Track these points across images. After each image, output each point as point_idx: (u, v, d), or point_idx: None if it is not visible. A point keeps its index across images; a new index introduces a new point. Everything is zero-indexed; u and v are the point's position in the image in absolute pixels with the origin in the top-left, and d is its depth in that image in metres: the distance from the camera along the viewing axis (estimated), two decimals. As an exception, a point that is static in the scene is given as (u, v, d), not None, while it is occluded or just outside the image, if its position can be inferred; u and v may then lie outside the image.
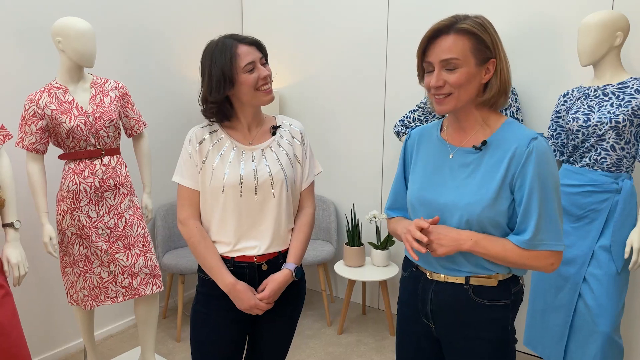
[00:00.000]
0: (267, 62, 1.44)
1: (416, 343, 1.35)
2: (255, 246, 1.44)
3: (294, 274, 1.46)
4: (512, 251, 1.15)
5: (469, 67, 1.13)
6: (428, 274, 1.28)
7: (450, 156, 1.25)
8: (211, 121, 1.47)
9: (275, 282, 1.43)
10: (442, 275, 1.25)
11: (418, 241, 1.19)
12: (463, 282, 1.23)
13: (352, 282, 2.88)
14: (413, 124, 2.61)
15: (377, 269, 2.86)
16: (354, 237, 2.89)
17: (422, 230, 1.20)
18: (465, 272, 1.22)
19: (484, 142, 1.19)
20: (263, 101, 1.42)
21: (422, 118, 2.60)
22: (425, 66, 1.20)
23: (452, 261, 1.23)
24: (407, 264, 1.37)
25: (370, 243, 2.92)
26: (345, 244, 2.92)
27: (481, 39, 1.13)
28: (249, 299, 1.40)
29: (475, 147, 1.20)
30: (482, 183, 1.17)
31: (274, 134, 1.49)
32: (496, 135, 1.19)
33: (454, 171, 1.23)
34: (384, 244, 2.88)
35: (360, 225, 2.94)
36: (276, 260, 1.48)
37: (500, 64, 1.16)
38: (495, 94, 1.17)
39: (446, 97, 1.16)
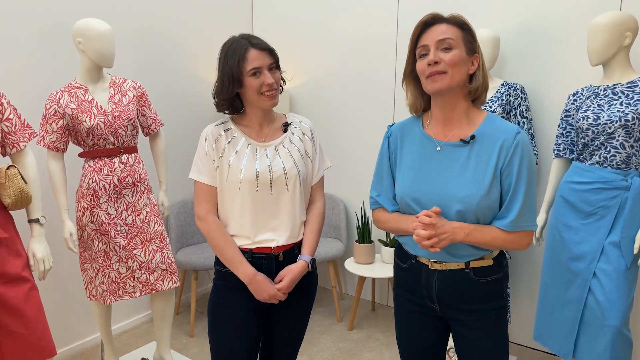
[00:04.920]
0: (277, 69, 1.47)
1: (423, 322, 1.43)
2: (273, 239, 1.49)
3: (309, 265, 1.53)
4: (499, 237, 1.26)
5: (460, 50, 1.24)
6: (429, 264, 1.35)
7: (438, 149, 1.31)
8: (225, 112, 1.52)
9: (292, 272, 1.49)
10: (444, 264, 1.33)
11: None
12: (464, 267, 1.32)
13: (362, 279, 2.92)
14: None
15: (387, 266, 2.90)
16: (363, 234, 2.94)
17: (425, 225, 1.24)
18: (465, 257, 1.31)
19: (472, 136, 1.26)
20: (265, 105, 1.45)
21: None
22: (419, 51, 1.28)
23: (454, 247, 1.31)
24: (405, 256, 1.42)
25: (380, 240, 2.96)
26: (356, 241, 2.96)
27: (469, 32, 1.26)
28: (268, 289, 1.45)
29: (463, 141, 1.27)
30: (475, 175, 1.25)
31: (285, 131, 1.54)
32: (481, 129, 1.27)
33: (443, 165, 1.29)
34: (394, 241, 2.92)
35: (370, 222, 2.98)
36: (292, 251, 1.53)
37: (482, 61, 1.28)
38: (480, 85, 1.28)
39: (440, 75, 1.23)
